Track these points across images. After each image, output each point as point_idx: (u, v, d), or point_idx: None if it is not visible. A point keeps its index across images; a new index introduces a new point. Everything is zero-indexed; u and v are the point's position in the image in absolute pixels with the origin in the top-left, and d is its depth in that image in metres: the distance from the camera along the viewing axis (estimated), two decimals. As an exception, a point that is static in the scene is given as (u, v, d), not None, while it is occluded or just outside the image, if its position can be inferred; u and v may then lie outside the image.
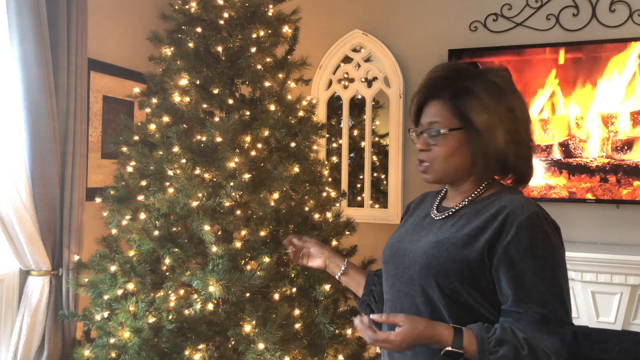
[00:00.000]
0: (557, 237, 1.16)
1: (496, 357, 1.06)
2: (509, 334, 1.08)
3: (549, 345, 1.08)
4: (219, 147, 2.12)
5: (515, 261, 1.11)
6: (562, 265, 1.15)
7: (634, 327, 2.84)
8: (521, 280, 1.11)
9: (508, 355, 1.06)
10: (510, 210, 1.14)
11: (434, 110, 1.22)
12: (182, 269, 2.14)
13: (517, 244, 1.11)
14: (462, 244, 1.15)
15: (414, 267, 1.21)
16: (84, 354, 2.26)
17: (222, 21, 2.34)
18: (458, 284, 1.14)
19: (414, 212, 1.39)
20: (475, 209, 1.21)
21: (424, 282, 1.18)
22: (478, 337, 1.08)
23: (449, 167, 1.22)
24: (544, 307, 1.10)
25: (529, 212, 1.12)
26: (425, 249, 1.20)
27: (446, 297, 1.15)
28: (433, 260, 1.17)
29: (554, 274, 1.12)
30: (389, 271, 1.30)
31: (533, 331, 1.09)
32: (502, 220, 1.13)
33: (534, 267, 1.10)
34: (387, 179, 3.62)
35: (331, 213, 2.45)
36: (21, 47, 2.35)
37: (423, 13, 3.54)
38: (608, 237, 3.13)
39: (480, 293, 1.15)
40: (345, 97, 3.69)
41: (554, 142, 3.18)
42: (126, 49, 3.25)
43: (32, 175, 2.43)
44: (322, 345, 2.20)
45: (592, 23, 3.17)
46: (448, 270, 1.14)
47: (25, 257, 2.44)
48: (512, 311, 1.12)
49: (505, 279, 1.12)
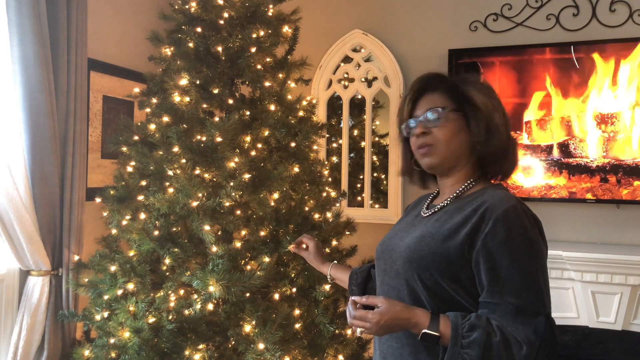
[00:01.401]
0: (535, 231, 1.18)
1: (468, 341, 1.08)
2: (483, 320, 1.11)
3: (521, 334, 1.10)
4: (219, 147, 2.12)
5: (492, 253, 1.13)
6: (539, 258, 1.16)
7: (634, 327, 2.84)
8: (497, 272, 1.13)
9: (480, 340, 1.08)
10: (489, 205, 1.17)
11: (431, 99, 1.29)
12: (182, 269, 2.14)
13: (493, 237, 1.14)
14: (443, 238, 1.19)
15: (399, 261, 1.25)
16: (84, 354, 2.26)
17: (222, 21, 2.34)
18: (438, 276, 1.17)
19: (409, 212, 1.44)
20: (459, 205, 1.24)
21: (407, 275, 1.22)
22: (452, 322, 1.11)
23: (450, 150, 1.25)
24: (518, 298, 1.12)
25: (506, 206, 1.15)
26: (409, 244, 1.24)
27: (428, 290, 1.18)
28: (415, 253, 1.21)
29: (530, 266, 1.14)
30: (380, 267, 1.34)
31: (507, 321, 1.11)
32: (480, 214, 1.17)
33: (509, 259, 1.13)
34: (387, 179, 3.62)
35: (331, 213, 2.45)
36: (21, 47, 2.35)
37: (423, 13, 3.54)
38: (608, 237, 3.13)
39: (460, 286, 1.17)
40: (345, 97, 3.69)
41: (554, 142, 3.18)
42: (126, 49, 3.25)
43: (32, 175, 2.43)
44: (322, 345, 2.20)
45: (592, 23, 3.17)
46: (429, 264, 1.18)
47: (25, 257, 2.44)
48: (488, 302, 1.14)
49: (483, 271, 1.15)
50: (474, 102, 1.24)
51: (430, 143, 1.26)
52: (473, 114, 1.24)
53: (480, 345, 1.07)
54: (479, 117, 1.24)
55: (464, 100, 1.26)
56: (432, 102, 1.28)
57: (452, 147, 1.25)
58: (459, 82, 1.29)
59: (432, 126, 1.25)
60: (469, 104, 1.25)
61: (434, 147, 1.26)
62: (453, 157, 1.26)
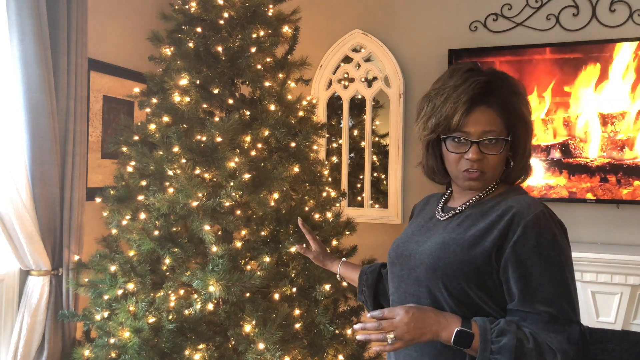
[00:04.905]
0: (563, 237, 1.15)
1: (498, 346, 1.05)
2: (513, 326, 1.08)
3: (555, 343, 1.07)
4: (219, 147, 2.12)
5: (522, 261, 1.11)
6: (569, 265, 1.14)
7: (634, 327, 2.84)
8: (528, 280, 1.10)
9: (511, 344, 1.05)
10: (517, 211, 1.14)
11: (486, 119, 1.18)
12: (182, 269, 2.14)
13: (524, 244, 1.11)
14: (468, 245, 1.15)
15: (420, 268, 1.20)
16: (84, 354, 2.26)
17: (222, 21, 2.34)
18: (465, 284, 1.14)
19: (420, 214, 1.39)
20: (482, 210, 1.21)
21: (431, 283, 1.18)
22: (481, 327, 1.08)
23: (497, 174, 1.23)
24: (550, 306, 1.09)
25: (535, 212, 1.13)
26: (432, 250, 1.20)
27: (453, 298, 1.15)
28: (439, 261, 1.17)
29: (561, 273, 1.11)
30: (394, 272, 1.30)
31: (539, 329, 1.08)
32: (508, 220, 1.13)
33: (540, 267, 1.10)
34: (387, 179, 3.62)
35: (331, 213, 2.45)
36: (21, 47, 2.35)
37: (423, 13, 3.54)
38: (608, 237, 3.13)
39: (486, 294, 1.14)
40: (345, 97, 3.69)
41: (554, 142, 3.18)
42: (126, 49, 3.25)
43: (32, 175, 2.43)
44: (322, 345, 2.20)
45: (592, 23, 3.17)
46: (455, 272, 1.14)
47: (25, 257, 2.44)
48: (518, 310, 1.11)
49: (512, 278, 1.12)
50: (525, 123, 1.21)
51: (483, 170, 1.19)
52: (524, 137, 1.22)
53: (511, 350, 1.04)
54: (527, 139, 1.22)
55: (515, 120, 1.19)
56: (489, 123, 1.17)
57: (498, 172, 1.22)
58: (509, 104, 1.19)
59: (487, 152, 1.18)
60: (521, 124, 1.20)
61: (485, 174, 1.20)
62: (496, 178, 1.24)
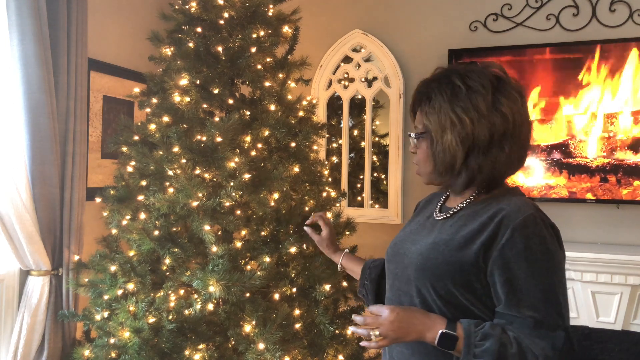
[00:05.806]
0: (554, 241, 1.14)
1: (481, 350, 1.06)
2: (497, 329, 1.08)
3: (538, 349, 1.07)
4: (219, 147, 2.12)
5: (509, 264, 1.10)
6: (558, 269, 1.13)
7: (634, 327, 2.84)
8: (514, 284, 1.10)
9: (493, 349, 1.05)
10: (506, 213, 1.13)
11: (418, 117, 1.27)
12: (182, 269, 2.14)
13: (511, 247, 1.10)
14: (457, 246, 1.15)
15: (410, 267, 1.21)
16: (84, 354, 2.26)
17: (222, 21, 2.34)
18: (451, 285, 1.14)
19: (421, 211, 1.40)
20: (474, 210, 1.20)
21: (419, 282, 1.19)
22: (465, 330, 1.08)
23: (428, 170, 1.24)
24: (536, 312, 1.09)
25: (524, 215, 1.11)
26: (422, 250, 1.21)
27: (441, 299, 1.15)
28: (428, 261, 1.17)
29: (548, 277, 1.10)
30: (390, 270, 1.31)
31: (524, 334, 1.08)
32: (497, 222, 1.12)
33: (527, 271, 1.09)
34: (387, 179, 3.62)
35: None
36: (21, 47, 2.35)
37: (423, 13, 3.54)
38: (608, 237, 3.13)
39: (474, 296, 1.14)
40: (345, 97, 3.69)
41: (553, 142, 3.18)
42: (126, 49, 3.25)
43: (32, 175, 2.43)
44: (322, 345, 2.20)
45: (592, 23, 3.17)
46: (442, 272, 1.14)
47: (25, 257, 2.44)
48: (504, 314, 1.11)
49: (499, 282, 1.11)
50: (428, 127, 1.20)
51: (416, 163, 1.29)
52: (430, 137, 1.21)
53: (492, 355, 1.05)
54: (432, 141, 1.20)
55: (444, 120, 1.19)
56: (417, 120, 1.26)
57: (428, 167, 1.24)
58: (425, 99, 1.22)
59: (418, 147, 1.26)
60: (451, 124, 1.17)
61: (419, 168, 1.28)
62: (434, 175, 1.24)
